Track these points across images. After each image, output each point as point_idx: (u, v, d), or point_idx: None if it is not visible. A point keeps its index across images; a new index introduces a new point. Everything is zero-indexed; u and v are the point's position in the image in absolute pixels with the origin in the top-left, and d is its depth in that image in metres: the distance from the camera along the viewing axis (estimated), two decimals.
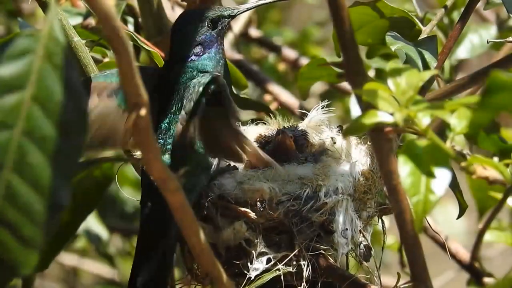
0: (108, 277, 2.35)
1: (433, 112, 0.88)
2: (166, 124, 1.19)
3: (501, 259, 2.12)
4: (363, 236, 1.23)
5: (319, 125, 1.30)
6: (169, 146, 1.18)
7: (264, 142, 1.28)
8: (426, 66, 1.18)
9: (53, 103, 0.77)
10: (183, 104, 1.16)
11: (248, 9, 1.26)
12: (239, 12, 1.24)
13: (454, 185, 1.25)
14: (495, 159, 1.31)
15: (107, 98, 1.18)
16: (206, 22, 1.22)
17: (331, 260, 1.19)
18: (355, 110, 1.65)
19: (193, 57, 1.21)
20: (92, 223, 1.92)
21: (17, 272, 0.77)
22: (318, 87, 2.10)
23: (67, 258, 2.33)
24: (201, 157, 1.18)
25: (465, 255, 1.60)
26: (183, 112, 1.14)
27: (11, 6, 2.04)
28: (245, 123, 1.34)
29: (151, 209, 1.17)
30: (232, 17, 1.24)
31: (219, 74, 1.19)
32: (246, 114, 1.56)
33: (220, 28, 1.23)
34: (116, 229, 2.11)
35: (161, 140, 1.19)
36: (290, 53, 1.99)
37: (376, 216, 1.26)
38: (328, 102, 1.31)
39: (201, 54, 1.21)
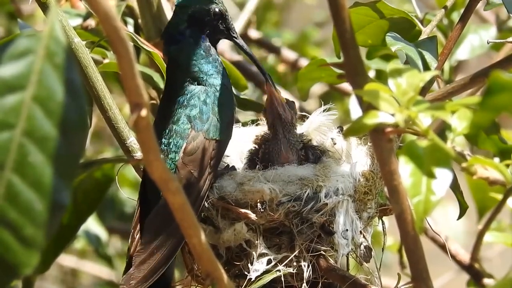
0: (107, 278, 2.35)
1: (434, 113, 0.87)
2: (168, 126, 1.20)
3: (500, 260, 2.12)
4: (364, 237, 1.23)
5: (320, 127, 1.30)
6: (173, 149, 1.19)
7: (260, 141, 1.28)
8: (426, 67, 1.18)
9: (54, 103, 0.77)
10: (184, 107, 1.19)
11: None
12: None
13: (454, 186, 1.25)
14: (496, 160, 1.31)
15: None
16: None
17: (332, 261, 1.19)
18: (355, 111, 1.65)
19: (193, 63, 1.21)
20: (91, 224, 1.92)
21: (17, 273, 0.77)
22: (318, 88, 2.10)
23: (66, 259, 2.34)
24: None
25: (465, 256, 1.59)
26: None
27: (10, 8, 2.04)
28: (244, 124, 1.34)
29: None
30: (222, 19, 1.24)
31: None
32: (245, 115, 1.57)
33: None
34: (115, 230, 2.11)
35: (164, 140, 1.19)
36: (289, 54, 1.99)
37: (377, 217, 1.26)
38: (331, 106, 1.31)
39: (201, 62, 1.22)
